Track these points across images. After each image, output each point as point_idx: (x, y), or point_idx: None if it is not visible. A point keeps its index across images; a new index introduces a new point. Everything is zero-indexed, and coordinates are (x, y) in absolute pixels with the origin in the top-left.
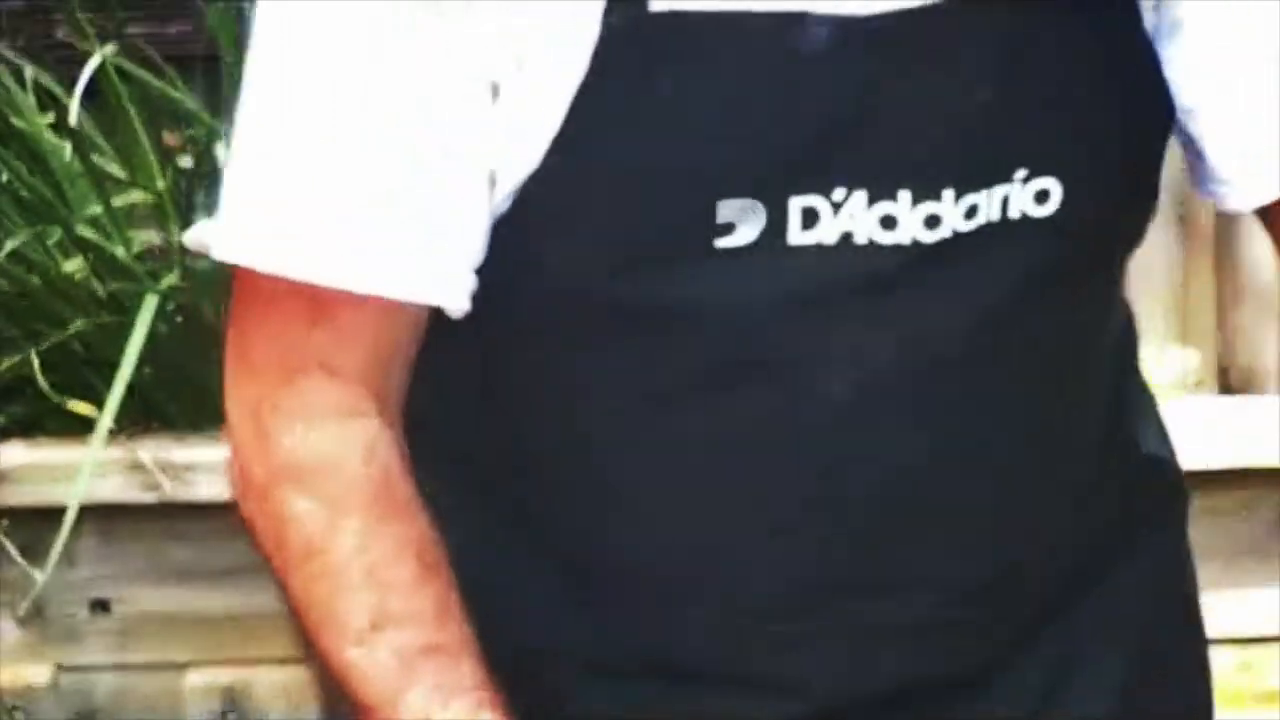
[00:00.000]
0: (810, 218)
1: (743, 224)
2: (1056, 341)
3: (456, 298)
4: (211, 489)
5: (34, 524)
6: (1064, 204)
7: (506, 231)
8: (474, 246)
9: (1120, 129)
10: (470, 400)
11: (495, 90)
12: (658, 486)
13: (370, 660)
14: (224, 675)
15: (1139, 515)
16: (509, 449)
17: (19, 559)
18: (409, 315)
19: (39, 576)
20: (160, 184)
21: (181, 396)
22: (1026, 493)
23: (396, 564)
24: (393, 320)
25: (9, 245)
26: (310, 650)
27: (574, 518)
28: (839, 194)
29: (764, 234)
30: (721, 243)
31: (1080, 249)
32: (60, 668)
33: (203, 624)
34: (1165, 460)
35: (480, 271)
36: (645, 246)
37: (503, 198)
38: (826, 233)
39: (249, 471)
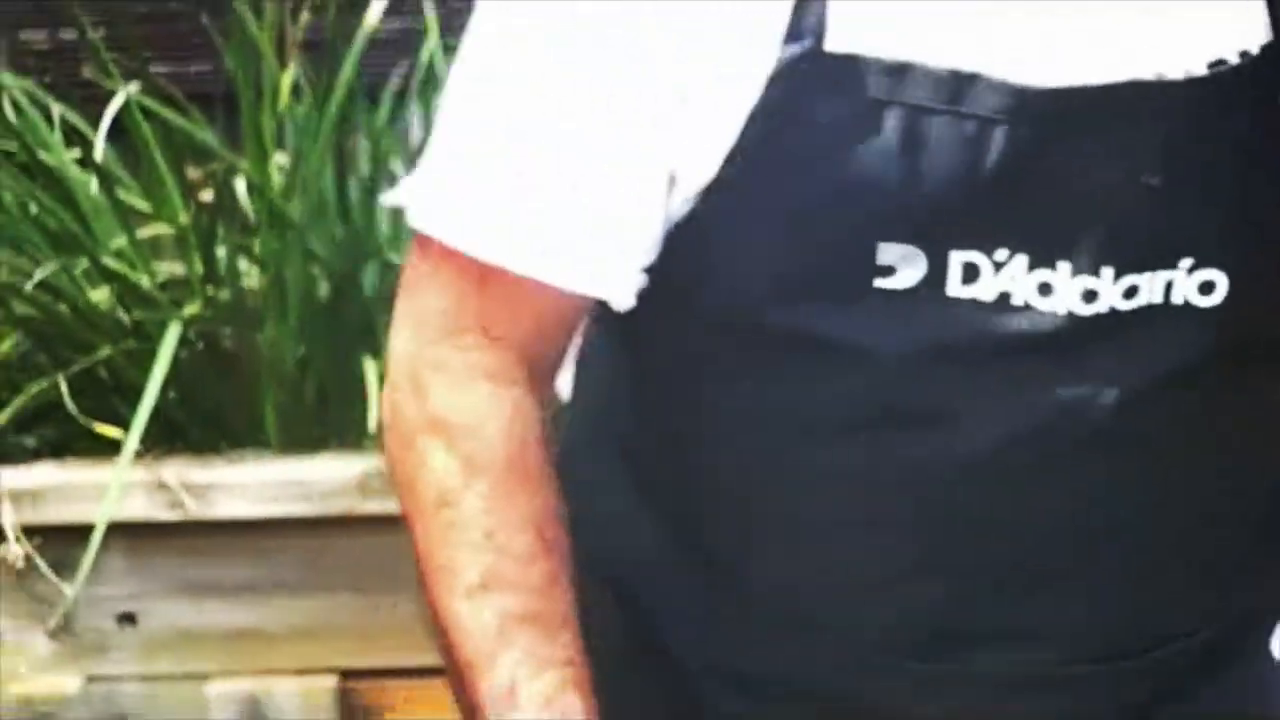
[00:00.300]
0: (971, 272)
1: (903, 268)
2: (1213, 426)
3: (619, 293)
4: (232, 508)
5: (64, 541)
6: (1229, 297)
7: (680, 241)
8: (645, 244)
9: None
10: (645, 406)
11: (682, 95)
12: (801, 518)
13: (474, 617)
14: (244, 685)
15: None
16: (672, 457)
17: (50, 574)
18: (572, 301)
19: (68, 591)
20: (182, 217)
21: (203, 419)
22: (1164, 567)
23: (516, 532)
24: (556, 302)
25: (38, 275)
26: (422, 595)
27: (724, 535)
28: (1001, 254)
29: (923, 281)
30: (880, 283)
31: (1245, 341)
32: (89, 678)
33: (224, 637)
34: None
35: (655, 282)
36: (806, 274)
37: (681, 201)
38: (985, 290)
39: (398, 417)
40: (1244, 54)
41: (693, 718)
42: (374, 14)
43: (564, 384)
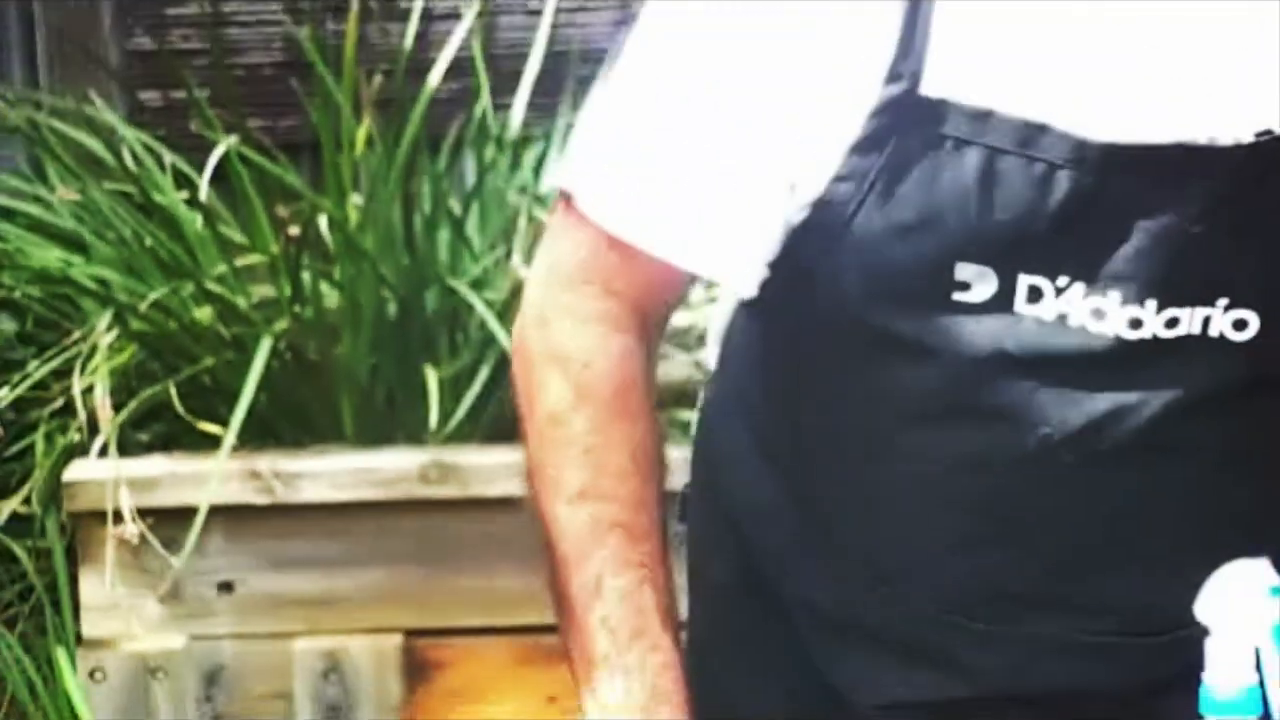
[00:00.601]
0: (1035, 294)
1: (977, 285)
2: (1241, 441)
3: (734, 278)
4: (314, 493)
5: (172, 522)
6: (1260, 334)
7: (797, 244)
8: (761, 239)
9: None
10: (769, 383)
11: (799, 117)
12: (884, 491)
13: (571, 519)
14: (323, 643)
15: None
16: (786, 429)
17: (160, 550)
18: (681, 274)
19: (176, 564)
20: (273, 248)
21: (290, 418)
22: (1191, 557)
23: (613, 453)
24: (668, 273)
25: (151, 297)
26: (531, 499)
27: (822, 498)
28: (1062, 280)
29: (993, 298)
30: (957, 296)
31: (1274, 374)
32: (193, 637)
33: (306, 602)
34: None
35: (777, 277)
36: (895, 284)
37: (798, 208)
38: (1046, 310)
39: (524, 346)
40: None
41: (784, 640)
42: (434, 77)
43: (710, 356)
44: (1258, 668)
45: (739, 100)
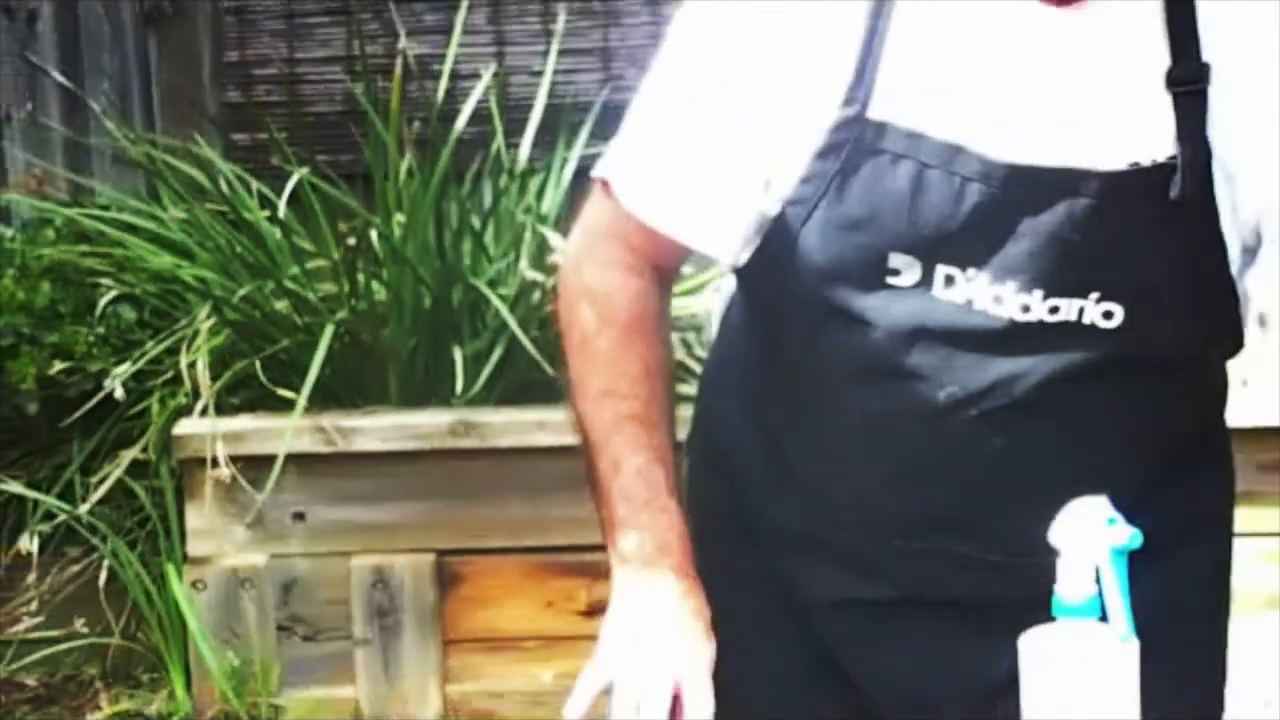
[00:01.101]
0: (949, 281)
1: (905, 271)
2: (1109, 404)
3: (719, 252)
4: (367, 444)
5: (257, 466)
6: (1124, 324)
7: (771, 233)
8: (743, 224)
9: (1181, 278)
10: (749, 347)
11: (774, 130)
12: (831, 436)
13: (596, 415)
14: (374, 560)
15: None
16: (760, 383)
17: (247, 487)
18: (684, 245)
19: (259, 498)
20: (335, 255)
21: (348, 386)
22: (1068, 494)
23: (629, 364)
24: (670, 241)
25: (240, 292)
26: (570, 403)
27: (787, 442)
28: (970, 272)
29: (917, 283)
30: (890, 280)
31: (1135, 355)
32: (272, 556)
33: (362, 529)
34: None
35: (756, 260)
36: (842, 266)
37: (773, 202)
38: (958, 294)
39: (565, 285)
40: (1154, 161)
41: (754, 553)
42: (460, 123)
43: (713, 329)
44: (1097, 581)
45: (729, 116)
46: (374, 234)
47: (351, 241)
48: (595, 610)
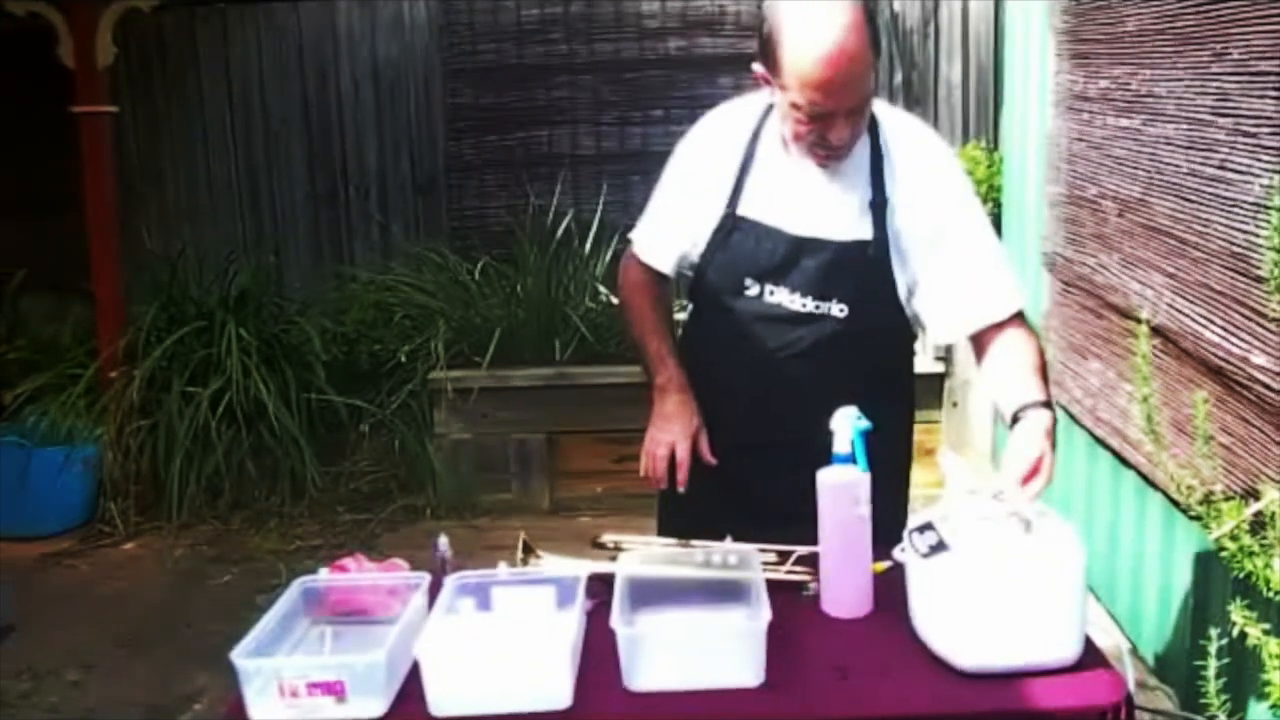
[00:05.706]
0: (771, 292)
1: (751, 288)
2: (850, 355)
3: (669, 272)
4: (518, 384)
5: (466, 394)
6: (849, 317)
7: (700, 264)
8: (687, 261)
9: (875, 293)
10: (700, 313)
11: (697, 216)
12: (727, 367)
13: (636, 326)
14: (517, 436)
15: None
16: (697, 343)
17: (460, 404)
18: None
19: (465, 408)
20: (500, 295)
21: (505, 356)
22: (825, 402)
23: (646, 308)
24: (653, 265)
25: (456, 314)
26: (625, 328)
27: (712, 367)
28: (783, 289)
29: (757, 294)
30: (745, 291)
31: (859, 330)
32: (474, 434)
33: (513, 422)
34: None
35: (696, 272)
36: (725, 285)
37: (696, 256)
38: (775, 299)
39: (622, 278)
40: (861, 238)
41: (711, 413)
42: (558, 233)
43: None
44: (853, 444)
45: (679, 210)
46: (519, 286)
47: (508, 289)
48: (624, 459)
